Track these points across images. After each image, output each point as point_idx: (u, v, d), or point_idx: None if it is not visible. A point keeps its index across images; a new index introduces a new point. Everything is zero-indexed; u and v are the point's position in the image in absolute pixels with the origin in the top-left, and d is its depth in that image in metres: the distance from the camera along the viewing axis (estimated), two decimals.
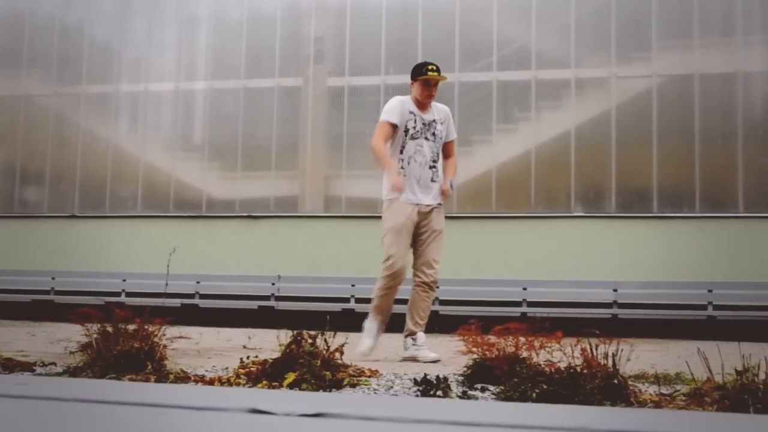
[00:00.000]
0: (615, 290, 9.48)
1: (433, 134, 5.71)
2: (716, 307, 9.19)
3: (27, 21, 12.08)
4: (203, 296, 10.37)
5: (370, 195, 10.34)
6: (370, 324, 5.69)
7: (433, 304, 9.46)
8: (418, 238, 5.70)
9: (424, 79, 5.71)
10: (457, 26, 10.61)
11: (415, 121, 5.70)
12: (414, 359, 5.55)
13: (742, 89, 9.90)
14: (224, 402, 1.81)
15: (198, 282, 10.45)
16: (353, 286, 9.95)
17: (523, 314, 9.26)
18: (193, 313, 10.02)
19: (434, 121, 5.74)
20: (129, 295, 10.37)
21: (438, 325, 7.25)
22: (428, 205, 5.68)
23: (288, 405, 1.60)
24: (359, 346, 5.50)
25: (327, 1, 11.17)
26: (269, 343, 4.62)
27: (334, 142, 10.86)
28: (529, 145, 10.30)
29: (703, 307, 9.22)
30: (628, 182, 10.04)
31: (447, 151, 5.88)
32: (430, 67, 5.77)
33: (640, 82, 10.17)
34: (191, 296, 10.34)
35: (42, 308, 10.20)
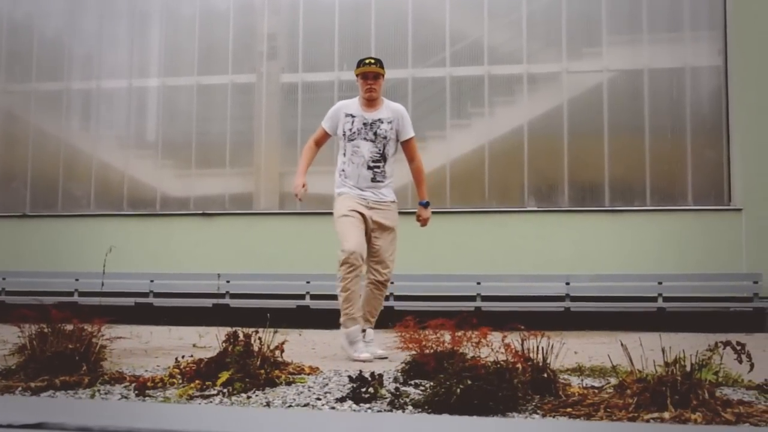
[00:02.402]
0: (567, 283, 9.58)
1: (375, 134, 5.64)
2: (666, 299, 9.34)
3: None
4: (157, 295, 10.28)
5: (325, 191, 10.23)
6: (343, 326, 5.50)
7: (387, 299, 9.57)
8: (370, 235, 5.67)
9: (361, 72, 5.70)
10: (410, 22, 10.64)
11: (353, 123, 5.68)
12: None
13: (690, 84, 10.05)
14: None
15: (152, 281, 10.37)
16: (308, 282, 9.95)
17: (478, 308, 9.33)
18: (148, 311, 9.94)
19: (379, 120, 5.67)
20: (82, 294, 10.26)
21: (392, 320, 7.26)
22: (375, 202, 5.65)
23: (12, 415, 1.60)
24: (355, 355, 5.36)
25: None
26: (220, 341, 4.62)
27: (288, 139, 10.83)
28: (483, 141, 10.36)
29: (654, 299, 9.36)
30: (580, 176, 10.15)
31: (407, 153, 5.83)
32: (367, 61, 5.75)
33: (591, 77, 10.28)
34: (145, 295, 10.25)
35: None
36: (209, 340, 6.31)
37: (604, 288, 9.58)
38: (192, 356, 3.95)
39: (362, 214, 5.56)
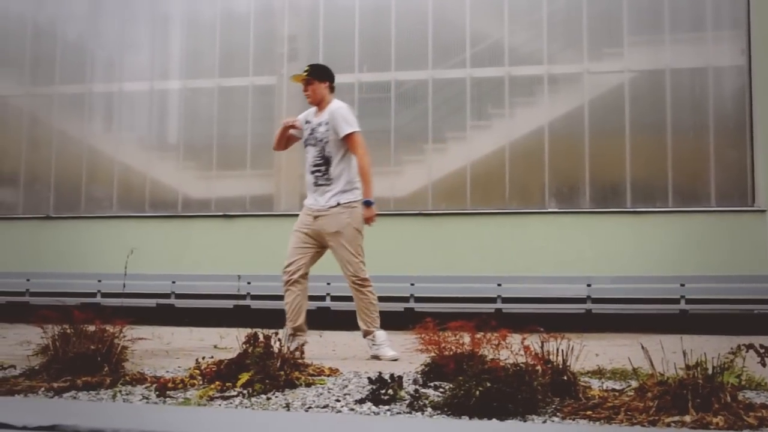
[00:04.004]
0: (589, 285, 9.51)
1: (315, 138, 5.73)
2: (688, 301, 9.24)
3: None
4: (179, 296, 10.34)
5: None
6: (284, 330, 5.70)
7: (407, 301, 9.58)
8: (326, 243, 5.80)
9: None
10: (430, 23, 10.63)
11: (305, 130, 5.84)
12: (377, 358, 5.60)
13: (713, 83, 9.97)
14: None
15: (173, 282, 10.42)
16: (329, 284, 9.94)
17: (498, 310, 9.30)
18: (169, 313, 10.01)
19: (319, 123, 5.75)
20: (105, 295, 10.35)
21: (413, 322, 7.25)
22: (317, 210, 5.72)
23: (28, 417, 1.62)
24: None
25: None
26: (240, 342, 4.65)
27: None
28: (503, 142, 10.33)
29: (676, 301, 9.27)
30: (602, 177, 10.09)
31: (350, 150, 5.75)
32: (303, 71, 5.91)
33: (612, 78, 10.22)
34: (167, 296, 10.31)
35: (17, 310, 10.12)
36: (230, 342, 6.33)
37: (625, 290, 9.52)
38: (213, 357, 3.97)
39: (306, 233, 5.78)
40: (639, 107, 10.05)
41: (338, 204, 5.69)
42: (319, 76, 5.84)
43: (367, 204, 5.72)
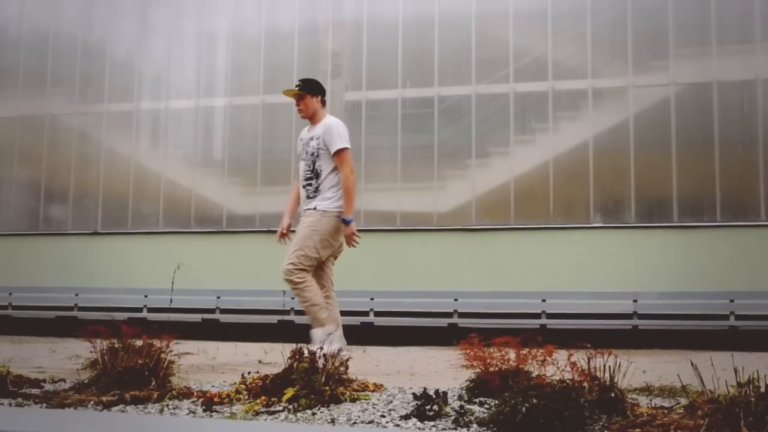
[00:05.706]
0: (635, 301, 9.40)
1: (306, 152, 5.73)
2: (738, 317, 9.08)
3: (50, 42, 12.31)
4: (224, 311, 10.44)
5: (389, 208, 10.41)
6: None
7: (451, 316, 9.56)
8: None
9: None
10: (473, 38, 10.63)
11: (299, 145, 5.87)
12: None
13: (762, 96, 9.79)
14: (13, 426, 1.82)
15: (218, 297, 10.53)
16: (372, 299, 9.96)
17: (543, 326, 9.22)
18: (214, 327, 10.09)
19: (311, 138, 5.73)
20: (151, 310, 10.47)
21: (457, 338, 7.23)
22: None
23: (86, 429, 1.63)
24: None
25: (344, 16, 11.25)
26: (285, 357, 4.68)
27: (352, 156, 10.87)
28: (547, 156, 10.27)
29: (725, 317, 9.11)
30: (648, 192, 9.97)
31: (338, 167, 5.70)
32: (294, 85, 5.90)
33: (658, 91, 10.11)
34: (212, 311, 10.41)
35: (66, 324, 10.31)
36: (274, 357, 6.35)
37: (672, 305, 9.39)
38: (258, 372, 3.99)
39: None
40: (685, 121, 9.91)
41: (314, 208, 5.69)
42: (311, 90, 5.83)
43: (347, 222, 5.65)
